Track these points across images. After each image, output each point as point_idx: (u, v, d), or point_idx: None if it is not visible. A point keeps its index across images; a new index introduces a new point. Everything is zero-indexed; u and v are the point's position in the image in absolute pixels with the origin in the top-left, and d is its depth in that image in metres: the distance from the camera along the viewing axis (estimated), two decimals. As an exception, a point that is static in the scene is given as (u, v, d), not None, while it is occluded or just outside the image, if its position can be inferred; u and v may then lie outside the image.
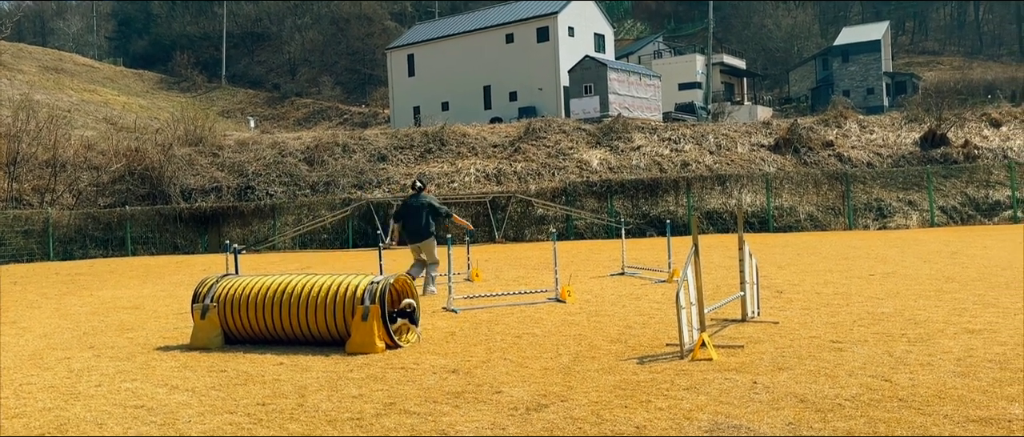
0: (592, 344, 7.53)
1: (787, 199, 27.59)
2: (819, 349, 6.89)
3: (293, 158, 31.68)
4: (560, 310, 9.83)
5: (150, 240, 27.41)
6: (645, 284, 12.37)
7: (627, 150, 31.59)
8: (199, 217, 27.43)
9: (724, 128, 33.99)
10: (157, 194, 29.08)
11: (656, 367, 6.44)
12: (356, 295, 7.54)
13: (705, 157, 31.00)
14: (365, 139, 33.37)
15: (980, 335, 7.24)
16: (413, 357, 7.17)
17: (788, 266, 14.22)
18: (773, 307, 9.44)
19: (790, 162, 30.51)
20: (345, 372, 6.61)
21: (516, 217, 26.65)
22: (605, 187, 27.01)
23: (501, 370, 6.51)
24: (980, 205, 27.54)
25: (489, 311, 9.92)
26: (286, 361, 7.15)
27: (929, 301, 9.40)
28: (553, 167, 30.27)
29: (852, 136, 32.44)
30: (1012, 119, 32.91)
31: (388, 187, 29.81)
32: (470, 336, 8.22)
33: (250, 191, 29.52)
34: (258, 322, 7.90)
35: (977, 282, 10.95)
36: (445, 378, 6.27)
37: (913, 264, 13.68)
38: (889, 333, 7.51)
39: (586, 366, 6.56)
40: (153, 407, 5.68)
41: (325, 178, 30.31)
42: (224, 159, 31.76)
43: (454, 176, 30.23)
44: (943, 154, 30.34)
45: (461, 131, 33.67)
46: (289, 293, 7.78)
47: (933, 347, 6.79)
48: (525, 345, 7.60)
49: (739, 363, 6.46)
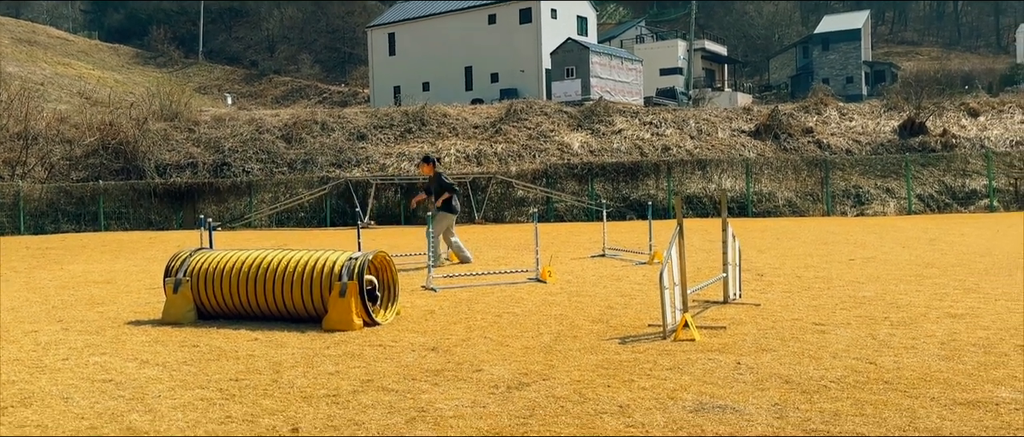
0: (573, 324, 7.42)
1: (766, 185, 27.66)
2: (802, 331, 6.83)
3: (270, 135, 31.30)
4: (541, 290, 9.72)
5: (123, 215, 27.00)
6: (626, 265, 12.29)
7: (608, 133, 31.51)
8: (174, 193, 27.04)
9: (705, 113, 34.01)
10: (131, 169, 28.63)
11: (639, 347, 6.35)
12: (334, 271, 7.37)
13: (686, 142, 30.99)
14: (344, 117, 33.04)
15: (962, 319, 7.22)
16: (391, 335, 7.03)
17: (768, 250, 14.21)
18: (754, 290, 9.39)
19: (770, 148, 30.58)
20: (321, 349, 6.46)
21: (496, 198, 26.50)
22: (586, 170, 26.93)
23: (481, 348, 6.39)
24: (957, 193, 27.76)
25: (469, 291, 9.79)
26: (261, 337, 6.98)
27: (910, 286, 9.39)
28: (534, 149, 30.13)
29: (832, 123, 32.57)
30: (990, 109, 33.18)
31: (367, 166, 29.54)
32: (449, 315, 8.09)
33: (226, 168, 29.14)
34: (232, 297, 7.72)
35: (957, 268, 10.97)
36: (424, 356, 6.14)
37: (892, 250, 13.70)
38: (871, 316, 7.46)
39: (568, 345, 6.45)
40: (122, 381, 5.50)
41: (303, 156, 29.98)
42: (200, 135, 31.33)
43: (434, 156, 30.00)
44: (921, 143, 30.53)
45: (442, 111, 33.43)
46: (265, 268, 7.60)
47: (916, 331, 6.75)
48: (505, 324, 7.48)
49: (722, 344, 6.38)
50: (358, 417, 4.59)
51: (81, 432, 4.42)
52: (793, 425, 4.30)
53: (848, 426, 4.27)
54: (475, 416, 4.57)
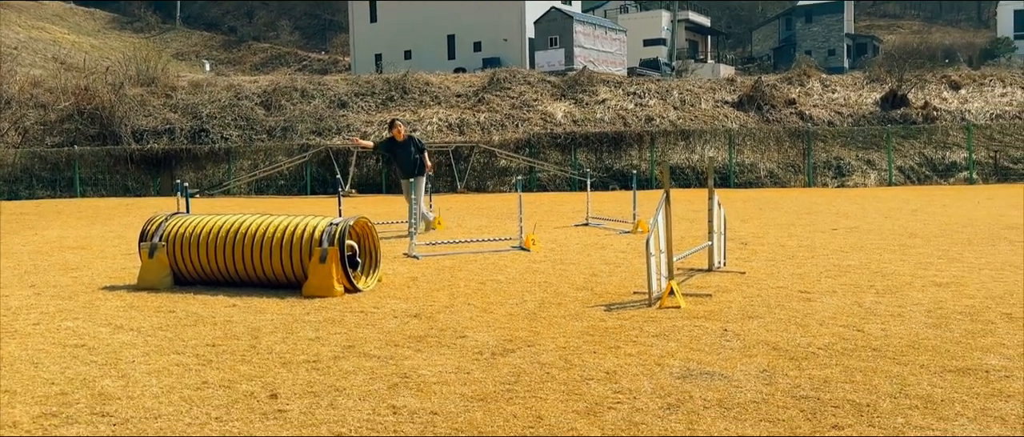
0: (558, 291, 7.33)
1: (748, 156, 27.64)
2: (788, 299, 6.77)
3: (249, 101, 30.82)
4: (524, 258, 9.62)
5: (100, 182, 26.57)
6: (610, 234, 12.21)
7: (592, 103, 31.31)
8: (151, 159, 26.62)
9: (689, 84, 33.87)
10: (107, 135, 28.13)
11: (624, 314, 6.27)
12: (314, 237, 7.22)
13: (669, 112, 30.86)
14: (325, 84, 32.59)
15: (948, 288, 7.20)
16: (373, 301, 6.91)
17: (751, 219, 14.17)
18: (739, 258, 9.33)
19: (753, 119, 30.52)
20: (301, 315, 6.33)
21: (479, 168, 26.31)
22: (569, 139, 26.77)
23: (465, 315, 6.28)
24: (937, 166, 27.88)
25: (451, 258, 9.67)
26: (239, 303, 6.84)
27: (894, 255, 9.37)
28: (517, 118, 29.89)
29: (814, 94, 32.54)
30: (971, 82, 33.27)
31: (348, 134, 29.19)
32: (432, 282, 7.97)
33: (204, 134, 28.70)
34: (210, 263, 7.55)
35: (940, 238, 10.97)
36: (406, 322, 6.02)
37: (875, 220, 13.71)
38: (857, 285, 7.43)
39: (552, 312, 6.36)
40: (94, 346, 5.35)
41: (282, 123, 29.57)
42: (177, 101, 30.80)
43: (416, 125, 29.69)
44: (903, 114, 30.59)
45: (424, 79, 33.05)
46: (243, 234, 7.44)
47: (902, 299, 6.72)
48: (489, 291, 7.37)
49: (708, 311, 6.32)
50: (339, 383, 4.47)
51: (51, 397, 4.28)
52: (783, 392, 4.24)
53: (838, 393, 4.21)
54: (459, 382, 4.47)
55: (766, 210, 16.30)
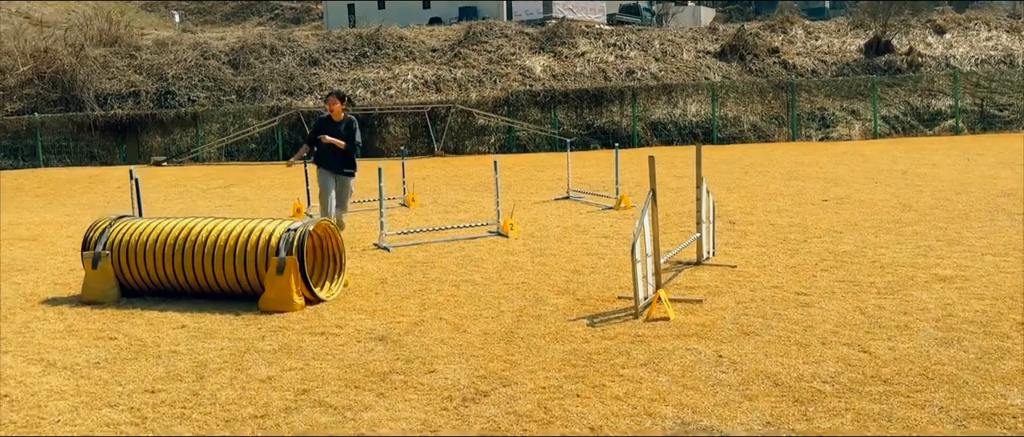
0: (537, 297, 6.80)
1: (731, 109, 27.05)
2: (784, 304, 6.28)
3: (216, 61, 29.73)
4: (502, 248, 9.07)
5: (64, 149, 25.64)
6: (592, 212, 11.67)
7: (571, 56, 30.47)
8: (115, 125, 25.65)
9: (670, 34, 33.03)
10: (70, 100, 27.05)
11: (609, 330, 5.76)
12: (270, 244, 6.62)
13: (650, 64, 30.11)
14: (294, 41, 31.48)
15: (953, 283, 6.73)
16: (336, 316, 6.35)
17: (737, 188, 13.67)
18: (728, 244, 8.84)
19: (735, 69, 29.84)
20: (256, 340, 5.76)
21: (456, 128, 25.57)
22: (548, 97, 26.03)
23: (435, 336, 5.74)
24: (922, 114, 27.44)
25: (425, 249, 9.10)
26: (189, 323, 6.26)
27: (890, 236, 8.90)
28: (495, 74, 29.04)
29: (797, 42, 31.85)
30: (956, 26, 32.67)
31: (321, 94, 28.25)
32: (403, 284, 7.42)
33: (170, 97, 27.68)
34: (158, 273, 6.95)
35: (935, 211, 10.52)
36: (370, 350, 5.48)
37: (865, 187, 13.24)
38: (856, 281, 6.95)
39: (531, 330, 5.84)
40: (17, 398, 4.77)
41: (252, 83, 28.56)
42: (142, 61, 29.65)
43: (391, 82, 28.81)
44: (887, 62, 30.01)
45: (398, 34, 32.00)
46: (194, 241, 6.83)
47: (907, 301, 6.24)
48: (463, 298, 6.84)
49: (699, 324, 5.81)
50: (288, 451, 3.94)
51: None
52: (790, 455, 3.75)
53: (852, 455, 3.73)
54: (424, 446, 3.95)
55: (751, 174, 15.80)
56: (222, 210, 13.41)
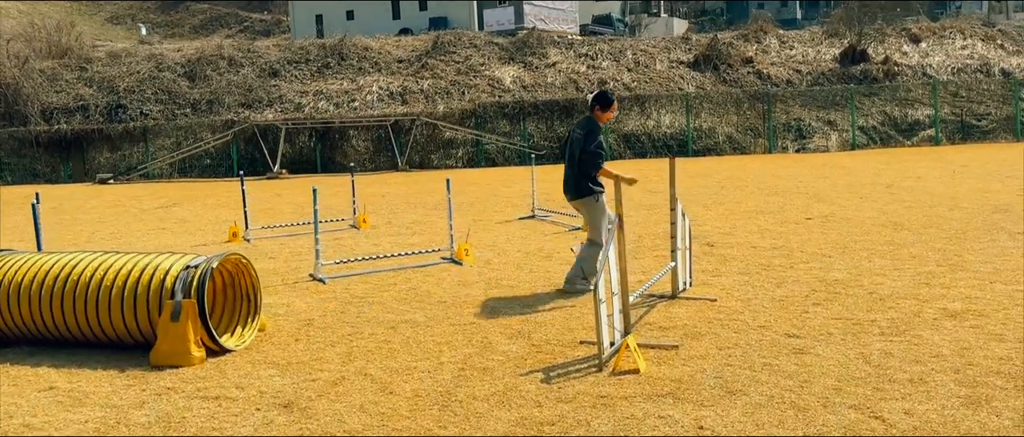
0: (486, 342, 5.78)
1: (706, 120, 26.28)
2: (775, 352, 5.31)
3: (172, 73, 28.52)
4: (454, 278, 8.05)
5: (6, 167, 24.29)
6: (558, 233, 10.69)
7: (542, 67, 29.61)
8: (60, 141, 24.34)
9: (643, 44, 32.30)
10: (13, 114, 25.69)
11: (568, 388, 4.75)
12: (165, 285, 5.55)
13: (623, 75, 29.31)
14: (255, 52, 30.35)
15: (965, 320, 5.81)
16: (240, 372, 5.29)
17: (714, 205, 12.75)
18: (706, 271, 7.88)
19: (710, 80, 29.13)
20: (132, 408, 4.69)
21: (422, 141, 24.54)
22: (518, 108, 25.10)
23: (355, 400, 4.71)
24: (900, 124, 26.86)
25: (366, 281, 8.05)
26: (61, 383, 5.18)
27: (885, 261, 7.99)
28: (463, 85, 28.08)
29: (772, 52, 31.24)
30: (931, 34, 32.25)
31: (281, 106, 27.15)
32: (331, 326, 6.37)
33: (121, 110, 26.42)
34: (36, 319, 5.85)
35: (929, 230, 9.65)
36: (269, 422, 4.43)
37: (850, 203, 12.38)
38: (854, 318, 6.00)
39: (474, 389, 4.82)
40: None
41: (208, 96, 27.38)
42: (93, 74, 28.38)
43: (355, 94, 27.76)
44: (863, 71, 29.45)
45: (363, 44, 30.99)
46: (77, 281, 5.74)
47: (917, 345, 5.30)
48: (399, 345, 5.80)
49: (675, 380, 4.83)
50: None
51: None
52: None
53: None
54: None
55: (728, 188, 14.92)
56: (152, 233, 12.28)
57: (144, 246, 11.00)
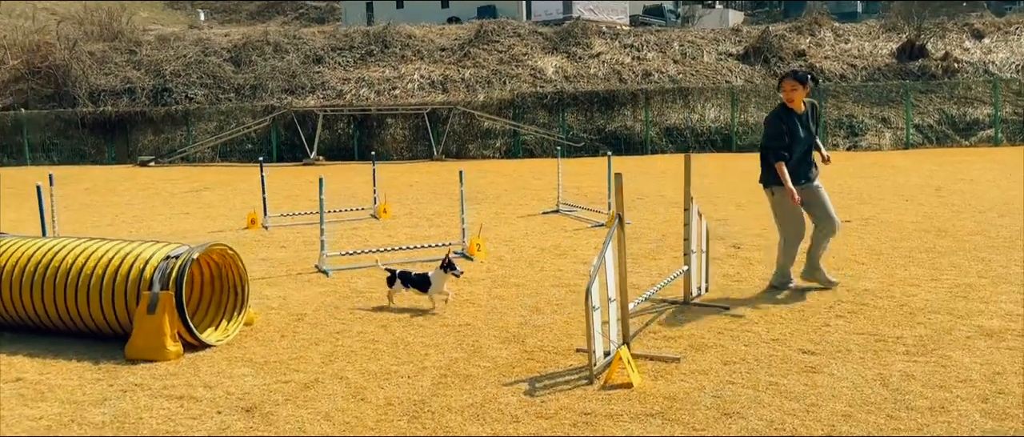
0: (476, 346, 5.46)
1: (753, 114, 25.48)
2: (784, 368, 4.88)
3: (217, 58, 28.69)
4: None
5: (53, 147, 24.67)
6: (579, 229, 10.30)
7: (586, 57, 29.07)
8: (105, 123, 24.64)
9: (690, 35, 31.50)
10: (62, 96, 26.13)
11: (550, 404, 4.40)
12: (144, 276, 5.34)
13: (668, 67, 28.60)
14: (300, 38, 30.37)
15: (1002, 340, 5.29)
16: (214, 370, 5.05)
17: (750, 205, 12.19)
18: (727, 275, 7.43)
19: (759, 73, 28.26)
20: (91, 405, 4.48)
21: (460, 130, 24.27)
22: (556, 100, 24.64)
23: (322, 407, 4.42)
24: (957, 123, 25.69)
25: (370, 274, 7.78)
26: (30, 374, 5.01)
27: (923, 270, 7.43)
28: (504, 75, 27.70)
29: (826, 45, 30.18)
30: (995, 30, 30.80)
31: (322, 93, 27.13)
32: (321, 322, 6.11)
33: (167, 94, 26.66)
34: (16, 306, 5.70)
35: (975, 237, 9.02)
36: (226, 428, 4.16)
37: (894, 205, 11.73)
38: (878, 334, 5.52)
39: (451, 400, 4.49)
40: None
41: (252, 81, 27.46)
42: (142, 57, 28.70)
43: (396, 82, 27.59)
44: (921, 67, 28.25)
45: (407, 32, 30.79)
46: (57, 268, 5.56)
47: (944, 368, 4.81)
48: (386, 345, 5.51)
49: (669, 398, 4.44)
50: None
51: None
52: None
53: None
54: None
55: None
56: (175, 218, 12.21)
57: (161, 231, 10.91)
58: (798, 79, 6.64)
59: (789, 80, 6.68)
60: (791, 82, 6.65)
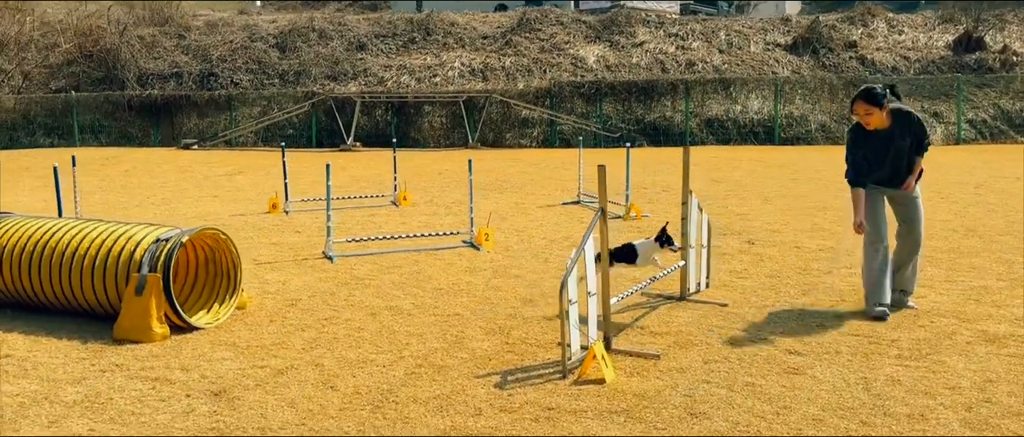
0: (459, 337, 5.43)
1: (799, 107, 24.94)
2: (766, 368, 4.75)
3: (263, 43, 29.08)
4: (464, 263, 7.71)
5: (102, 129, 25.32)
6: (595, 220, 10.18)
7: (628, 46, 28.74)
8: (151, 106, 25.19)
9: (738, 24, 30.92)
10: (112, 79, 26.79)
11: (517, 397, 4.35)
12: (134, 258, 5.42)
13: (713, 56, 28.11)
14: (344, 25, 30.60)
15: (1004, 346, 5.07)
16: (196, 353, 5.11)
17: (776, 199, 11.94)
18: (733, 271, 7.26)
19: (807, 64, 27.61)
20: (68, 383, 4.57)
21: (497, 119, 24.23)
22: (594, 89, 24.43)
23: (290, 394, 4.44)
24: (1014, 119, 24.78)
25: (374, 261, 7.81)
26: (19, 351, 5.14)
27: (939, 271, 7.17)
28: (545, 63, 27.55)
29: (879, 36, 29.35)
30: (1059, 23, 29.59)
31: (364, 80, 27.32)
32: (314, 308, 6.14)
33: (213, 78, 27.13)
34: (16, 284, 5.84)
35: (1005, 237, 8.68)
36: (189, 411, 4.20)
37: (929, 202, 11.32)
38: (874, 335, 5.34)
39: (419, 390, 4.47)
40: None
41: (296, 67, 27.79)
42: (190, 42, 29.23)
43: (436, 70, 27.64)
44: (977, 60, 27.30)
45: (449, 19, 30.82)
46: (53, 248, 5.69)
47: (934, 374, 4.63)
48: (371, 333, 5.52)
49: (638, 395, 4.35)
50: None
51: None
52: None
53: None
54: None
55: (800, 181, 13.99)
56: (203, 200, 12.42)
57: (185, 213, 11.11)
58: (871, 101, 5.63)
59: (860, 103, 5.69)
60: (863, 105, 5.67)
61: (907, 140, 5.88)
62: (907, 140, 5.88)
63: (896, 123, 5.85)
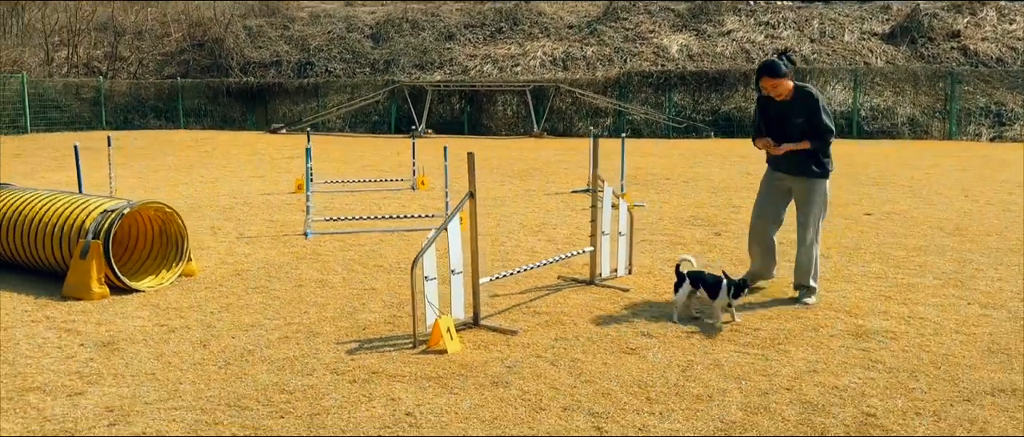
0: (354, 308, 5.92)
1: (888, 98, 23.92)
2: (607, 349, 4.99)
3: (358, 33, 30.46)
4: (416, 246, 8.16)
5: (205, 113, 27.28)
6: (587, 209, 10.42)
7: (714, 35, 28.31)
8: (246, 92, 26.93)
9: (833, 12, 29.81)
10: (218, 67, 28.77)
11: (355, 362, 4.80)
12: (84, 226, 6.21)
13: (804, 45, 27.30)
14: (436, 16, 31.57)
15: (865, 341, 5.10)
16: (119, 311, 5.82)
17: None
18: (669, 260, 7.40)
19: (903, 55, 26.40)
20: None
21: (566, 108, 24.50)
22: (662, 78, 24.27)
23: (166, 348, 5.06)
24: None
25: (342, 240, 8.40)
26: (-21, 303, 6.00)
27: (883, 268, 7.07)
28: (627, 53, 27.57)
29: (986, 26, 27.61)
30: None
31: (450, 69, 28.19)
32: (252, 279, 6.78)
33: (309, 67, 28.68)
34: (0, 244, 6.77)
35: (989, 238, 8.37)
36: (73, 356, 4.89)
37: (944, 200, 10.92)
38: (741, 325, 5.45)
39: (274, 352, 4.99)
40: None
41: (387, 56, 28.97)
42: (293, 32, 30.97)
43: (520, 59, 28.17)
44: (1098, 52, 25.30)
45: (537, 9, 31.23)
46: (25, 215, 6.56)
47: (764, 361, 4.75)
48: (281, 303, 6.09)
49: (464, 365, 4.71)
50: None
51: None
52: None
53: None
54: None
55: (838, 176, 13.60)
56: (244, 180, 13.41)
57: (217, 190, 12.08)
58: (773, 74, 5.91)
59: (765, 78, 5.98)
60: (768, 80, 5.96)
61: (801, 118, 5.96)
62: (801, 118, 5.96)
63: (796, 99, 5.99)
